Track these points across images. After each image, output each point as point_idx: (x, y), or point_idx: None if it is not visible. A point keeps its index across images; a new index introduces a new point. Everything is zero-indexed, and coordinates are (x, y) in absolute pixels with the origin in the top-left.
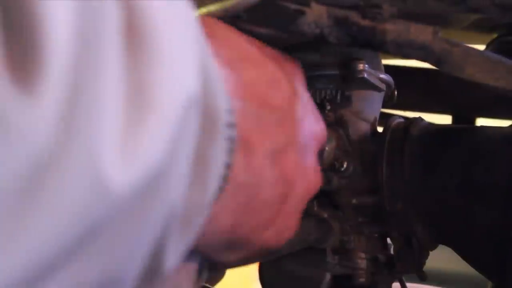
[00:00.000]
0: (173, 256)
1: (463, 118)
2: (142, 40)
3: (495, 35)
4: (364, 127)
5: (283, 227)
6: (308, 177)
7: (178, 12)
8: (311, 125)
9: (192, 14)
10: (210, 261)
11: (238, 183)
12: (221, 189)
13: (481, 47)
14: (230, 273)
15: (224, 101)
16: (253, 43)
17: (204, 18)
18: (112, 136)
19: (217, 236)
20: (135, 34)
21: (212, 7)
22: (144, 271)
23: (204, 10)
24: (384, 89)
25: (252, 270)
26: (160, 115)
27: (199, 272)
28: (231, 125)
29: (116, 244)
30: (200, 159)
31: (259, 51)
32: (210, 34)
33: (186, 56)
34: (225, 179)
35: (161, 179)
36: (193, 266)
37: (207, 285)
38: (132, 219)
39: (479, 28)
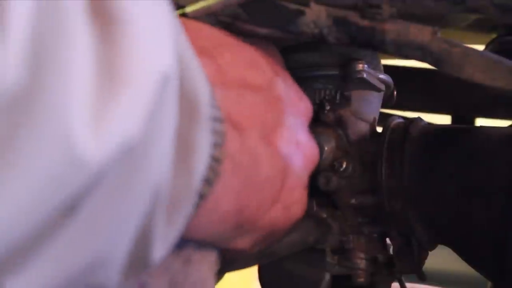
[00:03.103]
0: (161, 244)
1: (463, 118)
2: (112, 16)
3: (494, 35)
4: (364, 127)
5: (289, 202)
6: (304, 151)
7: None
8: (296, 103)
9: (166, 2)
10: (225, 252)
11: (235, 164)
12: (213, 176)
13: (481, 47)
14: (230, 273)
15: (204, 86)
16: (227, 33)
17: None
18: (83, 106)
19: (225, 221)
20: (103, 9)
21: (210, 0)
22: (131, 257)
23: (203, 3)
24: (384, 89)
25: (252, 270)
26: (133, 89)
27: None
28: (214, 110)
29: (99, 221)
30: (184, 144)
31: (234, 38)
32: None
33: (160, 35)
34: (214, 166)
35: (139, 155)
36: (214, 258)
37: None
38: (114, 195)
39: (479, 28)
